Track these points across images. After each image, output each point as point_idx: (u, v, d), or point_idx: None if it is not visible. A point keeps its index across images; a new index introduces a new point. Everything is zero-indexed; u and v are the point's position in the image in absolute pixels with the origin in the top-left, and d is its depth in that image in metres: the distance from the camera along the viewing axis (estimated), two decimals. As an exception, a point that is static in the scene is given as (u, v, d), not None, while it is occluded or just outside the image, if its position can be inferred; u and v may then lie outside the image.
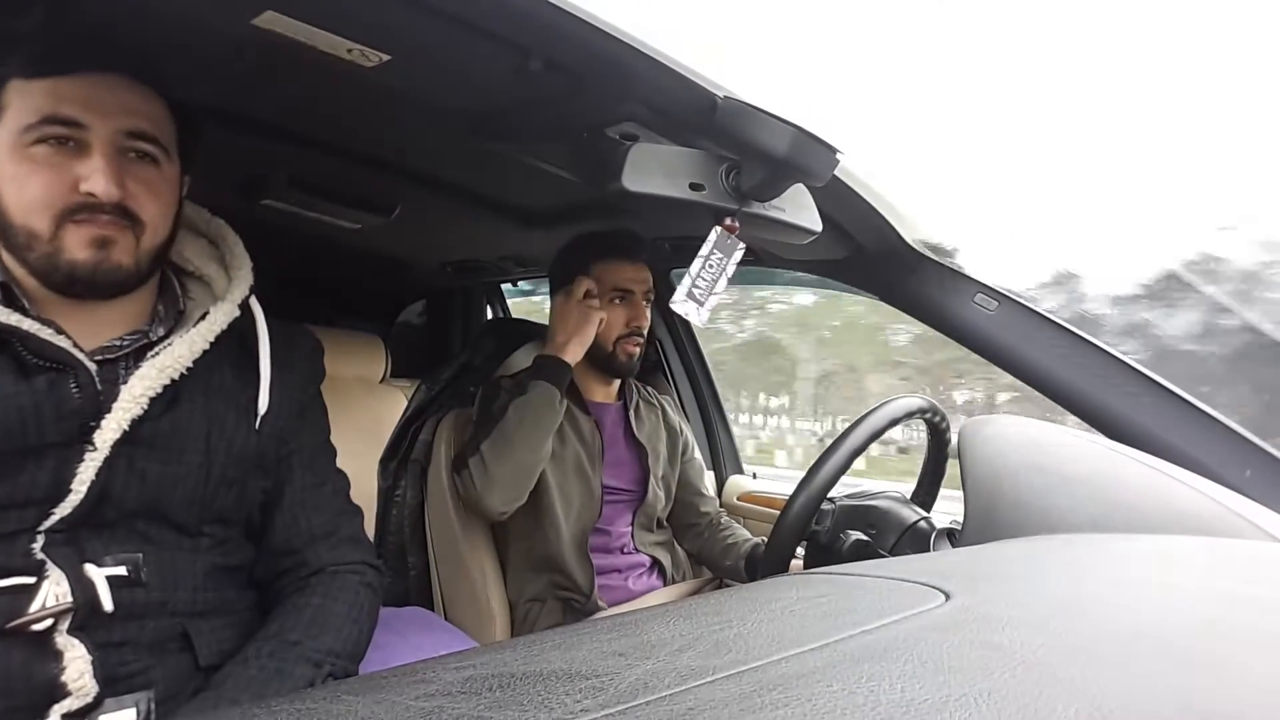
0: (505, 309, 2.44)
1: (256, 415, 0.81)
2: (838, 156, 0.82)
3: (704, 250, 0.88)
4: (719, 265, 0.89)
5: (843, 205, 1.05)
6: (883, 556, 0.99)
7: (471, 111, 1.01)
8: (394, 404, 2.26)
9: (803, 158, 0.79)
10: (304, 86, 0.96)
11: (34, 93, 0.71)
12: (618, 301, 1.35)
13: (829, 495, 0.98)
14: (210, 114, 0.81)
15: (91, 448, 0.70)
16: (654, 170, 0.82)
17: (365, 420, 2.12)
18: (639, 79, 0.80)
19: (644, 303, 1.38)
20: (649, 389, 1.56)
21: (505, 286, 2.41)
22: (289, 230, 1.68)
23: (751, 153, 0.81)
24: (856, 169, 0.91)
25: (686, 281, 0.89)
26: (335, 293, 2.34)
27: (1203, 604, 0.47)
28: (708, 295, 0.90)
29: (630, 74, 0.79)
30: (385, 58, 0.81)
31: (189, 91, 0.79)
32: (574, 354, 1.28)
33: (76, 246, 0.71)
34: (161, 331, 0.79)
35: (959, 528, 0.99)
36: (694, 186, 0.84)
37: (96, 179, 0.70)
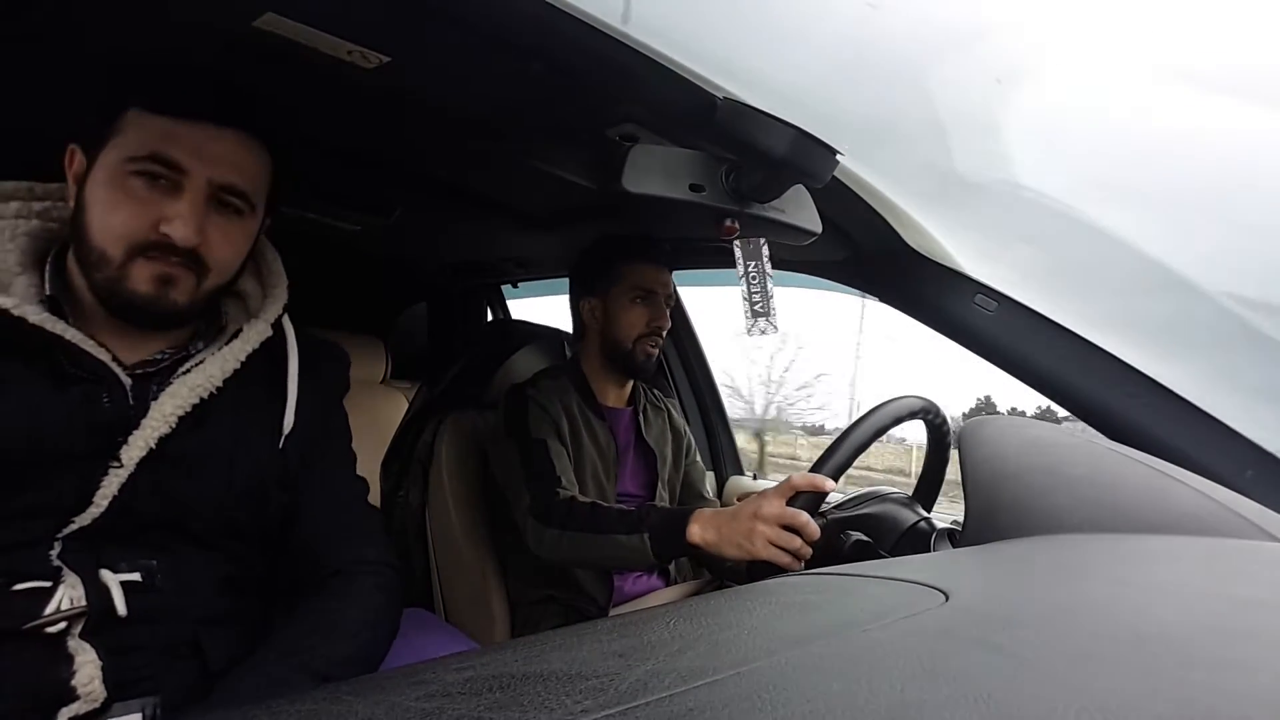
0: (505, 310, 2.44)
1: (281, 434, 0.82)
2: (837, 158, 0.82)
3: (739, 269, 0.88)
4: (759, 271, 0.90)
5: (843, 206, 1.05)
6: (883, 557, 0.99)
7: (472, 113, 1.01)
8: (395, 405, 2.26)
9: (802, 159, 0.79)
10: (304, 88, 0.96)
11: (149, 127, 0.73)
12: (639, 302, 1.36)
13: (821, 508, 0.97)
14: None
15: (117, 464, 0.70)
16: (654, 171, 0.82)
17: (366, 422, 2.11)
18: (639, 80, 0.80)
19: (665, 305, 1.39)
20: (655, 392, 1.57)
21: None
22: (289, 232, 1.68)
23: (751, 154, 0.81)
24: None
25: (744, 305, 0.89)
26: (335, 294, 2.34)
27: (1203, 604, 0.47)
28: (767, 304, 0.90)
29: (630, 75, 0.79)
30: (385, 59, 0.81)
31: (260, 135, 0.81)
32: (708, 544, 0.99)
33: (140, 280, 0.72)
34: (200, 345, 0.81)
35: (959, 528, 0.99)
36: (694, 187, 0.84)
37: (178, 225, 0.72)
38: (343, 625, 0.78)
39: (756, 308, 0.88)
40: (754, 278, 0.89)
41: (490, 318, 2.46)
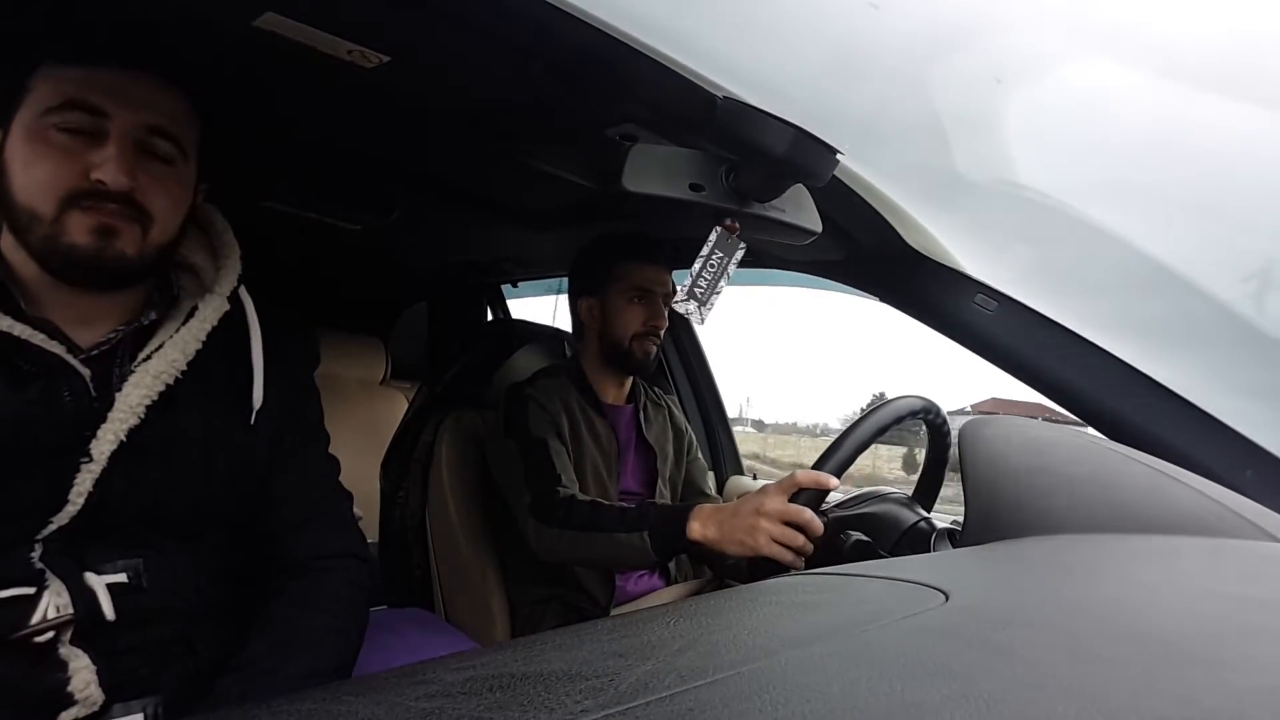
0: (505, 310, 2.44)
1: (251, 411, 0.79)
2: (838, 157, 0.82)
3: (704, 250, 0.88)
4: (720, 264, 0.90)
5: (842, 205, 1.05)
6: (883, 557, 0.99)
7: (471, 112, 1.01)
8: (394, 405, 2.27)
9: (802, 158, 0.79)
10: (304, 87, 0.96)
11: (63, 78, 0.71)
12: (637, 301, 1.36)
13: (821, 507, 0.97)
14: (205, 108, 0.81)
15: (87, 459, 0.68)
16: (654, 171, 0.82)
17: (366, 422, 2.12)
18: (639, 80, 0.80)
19: (663, 305, 1.38)
20: (655, 390, 1.56)
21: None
22: (289, 232, 1.69)
23: (751, 153, 0.81)
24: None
25: (688, 281, 0.89)
26: (335, 295, 2.34)
27: (1203, 604, 0.47)
28: (709, 294, 0.90)
29: (630, 75, 0.79)
30: (385, 59, 0.82)
31: (178, 81, 0.79)
32: (709, 541, 0.99)
33: (78, 232, 0.70)
34: (153, 315, 0.78)
35: (959, 528, 0.99)
36: (694, 187, 0.84)
37: (108, 167, 0.69)
38: (310, 635, 0.76)
39: (697, 291, 0.89)
40: (712, 266, 0.89)
41: (490, 318, 2.46)
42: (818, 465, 0.94)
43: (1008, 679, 0.33)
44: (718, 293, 0.90)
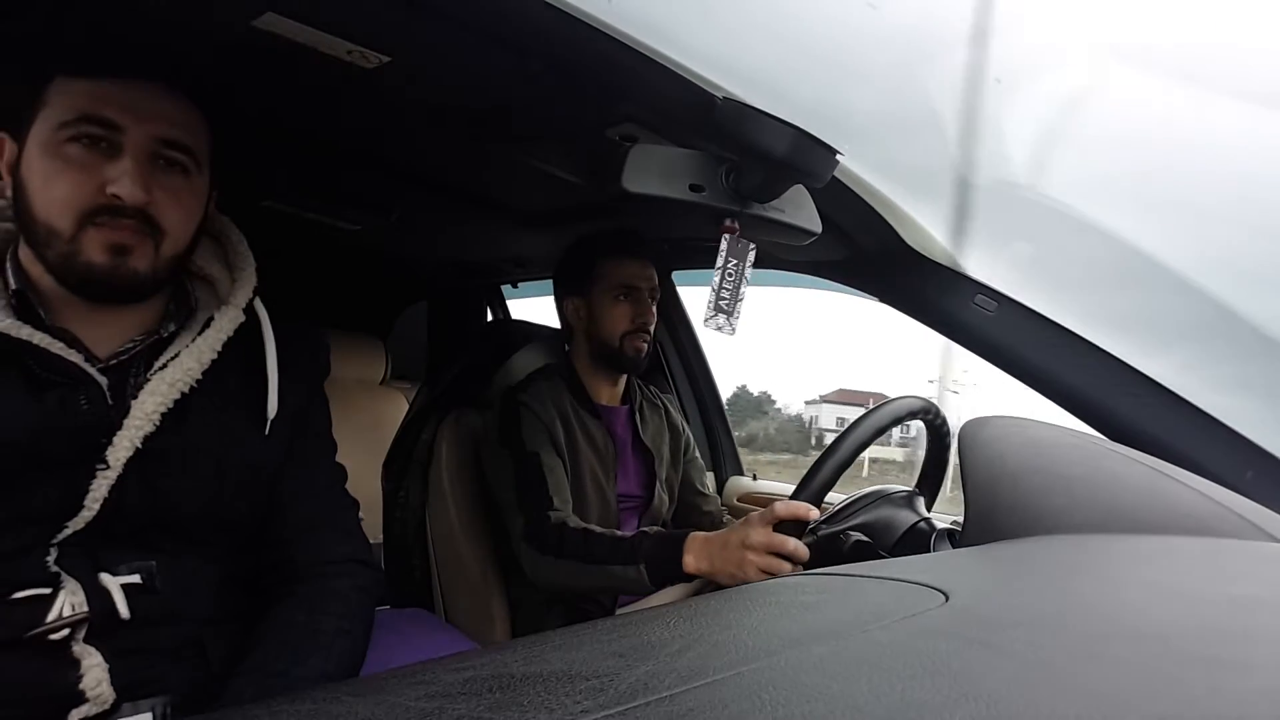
0: (505, 310, 2.44)
1: (266, 421, 0.81)
2: (837, 157, 0.82)
3: (719, 262, 0.88)
4: (737, 271, 0.89)
5: (842, 206, 1.05)
6: (883, 557, 0.99)
7: (471, 112, 1.01)
8: (394, 405, 2.27)
9: (802, 158, 0.79)
10: (304, 87, 0.96)
11: (76, 91, 0.71)
12: (623, 298, 1.35)
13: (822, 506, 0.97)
14: (210, 115, 0.81)
15: (104, 465, 0.69)
16: (654, 171, 0.82)
17: (366, 422, 2.12)
18: (638, 80, 0.80)
19: (650, 300, 1.38)
20: (651, 389, 1.56)
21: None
22: (289, 231, 1.69)
23: (751, 154, 0.81)
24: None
25: (711, 297, 0.88)
26: (335, 294, 2.34)
27: (1203, 604, 0.47)
28: (734, 304, 0.90)
29: (630, 75, 0.79)
30: (385, 59, 0.82)
31: (188, 92, 0.80)
32: (703, 573, 1.01)
33: (94, 249, 0.70)
34: (172, 327, 0.79)
35: (959, 528, 0.99)
36: (694, 188, 0.84)
37: (124, 182, 0.70)
38: (319, 637, 0.77)
39: (722, 304, 0.88)
40: (730, 275, 0.88)
41: (490, 318, 2.46)
42: (797, 494, 0.94)
43: (1008, 679, 0.33)
44: (741, 299, 0.90)
